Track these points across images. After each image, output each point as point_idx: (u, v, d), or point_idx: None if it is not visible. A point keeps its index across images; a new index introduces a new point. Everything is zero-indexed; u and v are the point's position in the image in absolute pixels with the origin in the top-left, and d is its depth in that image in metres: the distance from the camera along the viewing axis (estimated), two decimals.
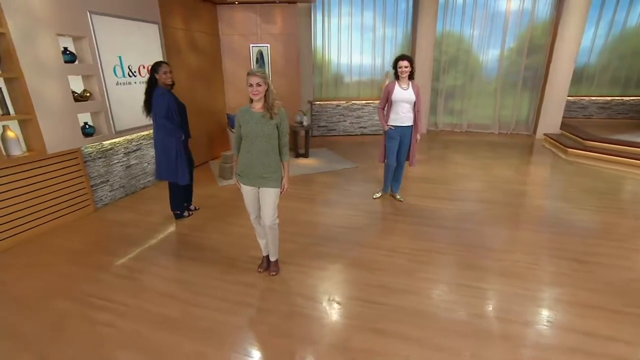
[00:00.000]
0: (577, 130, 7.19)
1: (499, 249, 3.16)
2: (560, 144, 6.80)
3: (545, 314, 2.33)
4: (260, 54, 6.43)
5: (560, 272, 2.81)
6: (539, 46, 7.92)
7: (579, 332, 2.15)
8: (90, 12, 3.75)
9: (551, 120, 7.72)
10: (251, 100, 2.40)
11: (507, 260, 2.96)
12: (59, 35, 3.50)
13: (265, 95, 2.35)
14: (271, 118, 2.36)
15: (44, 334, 2.19)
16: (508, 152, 6.82)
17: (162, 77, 3.34)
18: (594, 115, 9.17)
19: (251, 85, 2.29)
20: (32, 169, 3.36)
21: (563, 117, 7.73)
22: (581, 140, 6.66)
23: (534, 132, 8.19)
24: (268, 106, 2.36)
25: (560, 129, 7.68)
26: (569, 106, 8.79)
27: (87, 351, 2.06)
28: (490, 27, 8.08)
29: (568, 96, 7.80)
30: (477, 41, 8.25)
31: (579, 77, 8.78)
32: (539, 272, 2.80)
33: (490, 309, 2.39)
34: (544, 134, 7.77)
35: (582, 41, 7.32)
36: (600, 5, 8.22)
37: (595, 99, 9.06)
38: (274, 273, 2.76)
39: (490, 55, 8.30)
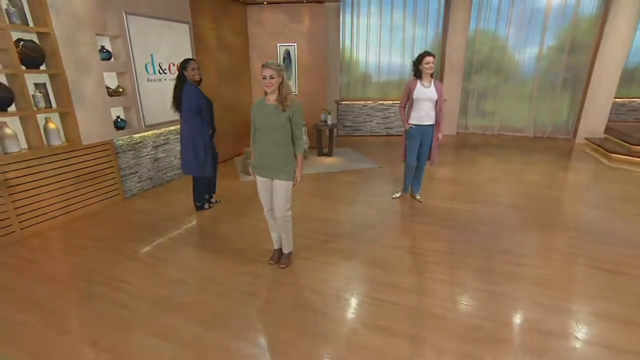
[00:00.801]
0: (624, 135, 6.63)
1: (522, 254, 2.98)
2: (604, 149, 6.31)
3: (567, 324, 2.16)
4: (288, 52, 6.53)
5: (588, 281, 2.60)
6: (583, 44, 7.41)
7: (603, 346, 1.98)
8: (126, 13, 3.99)
9: (594, 123, 7.19)
10: (266, 93, 2.43)
11: (530, 266, 2.79)
12: (97, 34, 3.75)
13: (279, 87, 2.37)
14: (284, 110, 2.38)
15: (68, 312, 2.35)
16: (543, 156, 6.42)
17: (191, 74, 3.47)
18: None
19: (265, 77, 2.32)
20: (68, 158, 3.61)
21: (608, 121, 7.18)
22: (628, 145, 6.13)
23: (574, 136, 7.67)
24: (281, 98, 2.38)
25: (605, 133, 7.13)
26: (617, 108, 8.13)
27: (103, 329, 2.18)
28: (528, 24, 7.66)
29: (616, 97, 7.21)
30: (512, 39, 7.87)
31: (630, 77, 8.08)
32: (564, 281, 2.61)
33: (508, 315, 2.26)
34: (585, 139, 7.24)
35: (634, 38, 6.76)
36: None
37: None
38: (283, 266, 2.78)
39: (527, 54, 7.87)
